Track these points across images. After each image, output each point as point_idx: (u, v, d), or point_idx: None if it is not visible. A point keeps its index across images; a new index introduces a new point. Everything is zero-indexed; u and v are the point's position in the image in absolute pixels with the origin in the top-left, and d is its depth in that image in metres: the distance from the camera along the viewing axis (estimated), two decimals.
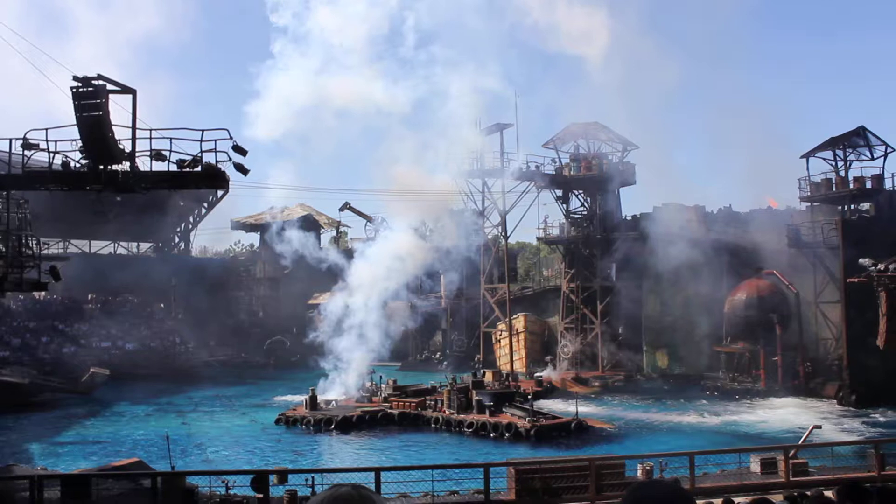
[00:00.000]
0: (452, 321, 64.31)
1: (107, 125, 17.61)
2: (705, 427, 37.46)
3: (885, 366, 38.78)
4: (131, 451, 30.54)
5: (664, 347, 52.79)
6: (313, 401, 39.23)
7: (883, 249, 39.81)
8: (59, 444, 35.22)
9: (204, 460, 30.97)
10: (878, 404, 40.00)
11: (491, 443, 33.97)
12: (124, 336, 60.43)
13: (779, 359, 45.23)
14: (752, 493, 16.70)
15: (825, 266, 47.18)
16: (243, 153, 18.10)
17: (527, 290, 65.25)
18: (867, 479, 16.30)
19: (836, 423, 37.19)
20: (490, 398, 37.57)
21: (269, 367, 63.03)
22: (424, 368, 59.28)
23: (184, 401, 47.38)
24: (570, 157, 56.31)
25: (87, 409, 43.74)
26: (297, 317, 67.14)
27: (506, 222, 57.25)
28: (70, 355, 54.12)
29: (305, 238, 62.53)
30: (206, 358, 63.25)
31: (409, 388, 42.78)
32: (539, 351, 58.87)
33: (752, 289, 47.37)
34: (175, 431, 34.29)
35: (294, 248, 62.32)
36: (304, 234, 64.45)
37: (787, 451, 20.03)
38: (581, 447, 32.06)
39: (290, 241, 62.62)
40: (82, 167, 18.36)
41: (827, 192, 47.20)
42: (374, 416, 37.91)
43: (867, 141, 47.56)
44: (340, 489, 2.17)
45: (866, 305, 40.04)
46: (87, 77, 17.27)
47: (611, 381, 50.26)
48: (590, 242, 54.88)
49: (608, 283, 54.59)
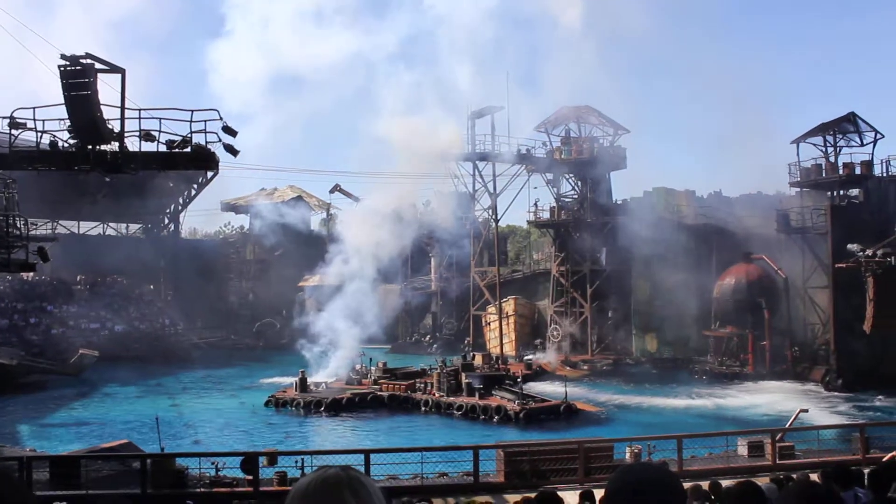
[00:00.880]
0: (442, 304, 64.39)
1: (95, 105, 17.46)
2: (693, 410, 37.69)
3: (872, 350, 39.14)
4: (120, 433, 30.51)
5: (653, 331, 52.99)
6: (303, 383, 39.25)
7: (871, 235, 40.11)
8: (48, 425, 35.16)
9: (194, 442, 30.99)
10: (864, 388, 40.31)
11: (480, 425, 34.11)
12: (113, 317, 60.20)
13: (767, 343, 45.51)
14: (739, 476, 16.85)
15: (814, 251, 47.40)
16: (233, 134, 17.99)
17: (517, 273, 65.33)
18: (852, 462, 16.43)
19: (823, 407, 37.48)
20: (480, 381, 37.70)
21: (259, 349, 62.99)
22: (414, 351, 59.41)
23: (173, 382, 47.34)
24: (562, 140, 56.26)
25: (76, 391, 43.66)
26: (286, 299, 67.04)
27: (496, 205, 57.26)
28: (58, 336, 53.90)
29: (295, 220, 62.43)
30: (196, 340, 63.17)
31: (399, 370, 42.88)
32: (529, 334, 59.05)
33: (741, 273, 47.56)
34: (164, 413, 34.28)
35: (284, 229, 62.21)
36: (295, 215, 64.38)
37: (773, 435, 20.18)
38: (570, 430, 32.23)
39: (280, 222, 62.47)
40: (70, 147, 18.21)
41: (817, 178, 47.35)
42: (364, 398, 37.99)
43: (857, 127, 47.68)
44: (329, 471, 2.15)
45: (854, 291, 40.38)
46: (75, 56, 17.10)
47: (600, 364, 50.49)
48: (580, 226, 54.94)
49: (598, 267, 54.69)
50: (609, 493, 2.47)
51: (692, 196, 55.38)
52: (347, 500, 2.07)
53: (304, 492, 2.12)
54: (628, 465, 4.09)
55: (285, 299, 66.99)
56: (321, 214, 78.38)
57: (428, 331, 65.13)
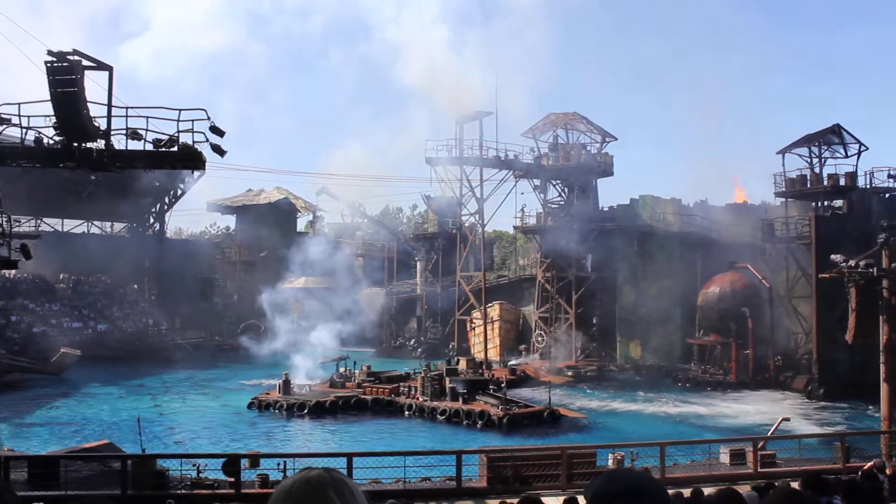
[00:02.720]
0: (427, 308, 64.31)
1: (82, 102, 17.32)
2: (676, 418, 37.81)
3: (853, 360, 39.35)
4: (102, 434, 30.31)
5: (638, 338, 53.16)
6: (286, 385, 39.07)
7: (854, 246, 40.33)
8: (28, 425, 34.82)
9: (175, 443, 30.79)
10: (846, 398, 40.55)
11: (464, 430, 34.04)
12: (96, 317, 59.78)
13: (750, 352, 45.72)
14: (721, 484, 16.90)
15: (798, 261, 47.71)
16: (221, 134, 17.89)
17: (503, 278, 65.38)
18: (832, 471, 16.54)
19: (805, 415, 37.69)
20: (463, 386, 37.65)
21: (242, 351, 62.58)
22: (399, 355, 59.24)
23: (156, 383, 47.02)
24: (549, 146, 56.38)
25: (57, 390, 43.30)
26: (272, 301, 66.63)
27: (483, 210, 57.25)
28: (40, 335, 53.38)
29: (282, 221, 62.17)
30: (179, 340, 62.72)
31: (383, 374, 42.77)
32: (513, 339, 59.09)
33: (725, 282, 47.78)
34: (147, 414, 33.99)
35: (269, 231, 61.93)
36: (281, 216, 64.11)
37: (755, 443, 20.31)
38: (553, 436, 32.23)
39: (265, 224, 62.14)
40: (56, 144, 18.05)
41: (801, 189, 47.72)
42: (348, 401, 37.86)
43: (842, 139, 48.12)
44: (311, 472, 2.14)
45: (836, 301, 40.56)
46: (62, 52, 16.96)
47: (584, 370, 50.56)
48: (566, 232, 55.01)
49: (583, 274, 54.80)
50: (591, 500, 2.44)
51: (678, 204, 55.68)
52: (332, 500, 2.06)
53: (287, 493, 2.10)
54: (610, 471, 4.07)
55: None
56: (308, 216, 78.17)
57: (413, 335, 64.99)
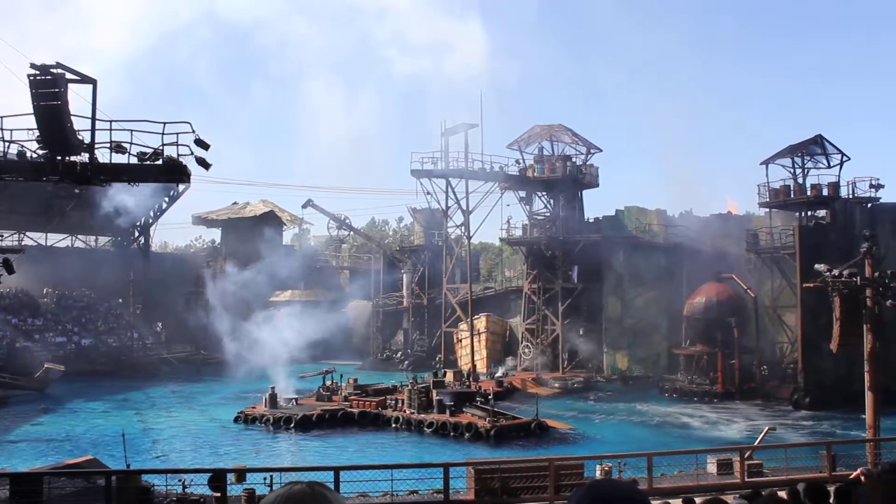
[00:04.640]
0: (414, 320, 64.20)
1: (65, 115, 17.23)
2: (663, 428, 37.88)
3: (838, 369, 39.59)
4: (85, 449, 29.97)
5: (624, 349, 53.31)
6: (273, 399, 38.85)
7: (838, 255, 40.64)
8: (11, 441, 34.43)
9: (160, 457, 30.54)
10: (831, 407, 40.75)
11: (451, 442, 33.95)
12: (80, 331, 59.32)
13: (736, 362, 45.91)
14: (708, 494, 16.92)
15: (782, 271, 48.03)
16: (205, 147, 17.84)
17: (489, 290, 65.42)
18: (819, 480, 16.58)
19: (791, 425, 37.85)
20: (451, 398, 37.56)
21: (228, 365, 62.21)
22: (385, 368, 59.08)
23: (141, 398, 46.67)
24: (535, 158, 56.57)
25: (40, 406, 42.84)
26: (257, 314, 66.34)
27: (469, 222, 57.26)
28: (23, 350, 52.97)
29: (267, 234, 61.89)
30: (164, 354, 62.31)
31: (370, 387, 42.65)
32: (500, 351, 59.06)
33: (711, 292, 48.02)
34: (131, 429, 33.77)
35: (255, 244, 61.60)
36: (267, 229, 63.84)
37: (742, 453, 20.34)
38: (540, 447, 32.21)
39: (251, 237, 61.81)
40: (39, 157, 17.95)
41: (785, 199, 48.11)
42: (334, 414, 37.68)
43: (824, 150, 48.61)
44: (295, 487, 2.13)
45: (821, 310, 40.82)
46: (45, 65, 16.88)
47: (571, 382, 50.59)
48: (552, 244, 55.18)
49: (570, 285, 54.91)
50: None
51: (664, 215, 55.98)
52: None
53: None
54: (595, 480, 4.06)
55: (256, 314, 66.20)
56: (293, 230, 78.00)
57: (399, 347, 64.84)
